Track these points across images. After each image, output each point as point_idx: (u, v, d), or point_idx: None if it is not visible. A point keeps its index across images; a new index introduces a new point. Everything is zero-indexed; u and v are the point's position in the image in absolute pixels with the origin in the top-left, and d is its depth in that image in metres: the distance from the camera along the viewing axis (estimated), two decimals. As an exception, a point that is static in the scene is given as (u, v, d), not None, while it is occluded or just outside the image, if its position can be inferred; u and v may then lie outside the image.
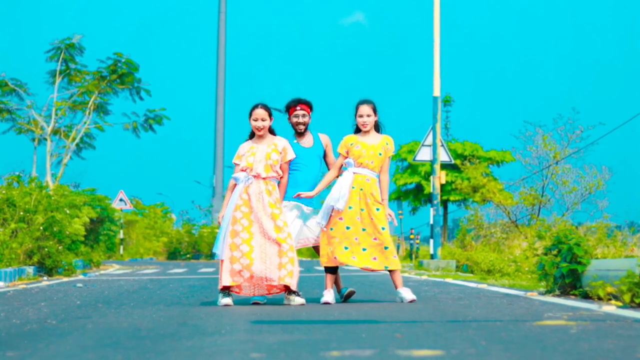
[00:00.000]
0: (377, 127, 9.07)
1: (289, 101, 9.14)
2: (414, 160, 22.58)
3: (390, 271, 8.86)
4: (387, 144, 8.96)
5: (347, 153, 8.91)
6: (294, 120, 9.08)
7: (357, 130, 9.02)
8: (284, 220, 8.64)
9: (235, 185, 8.77)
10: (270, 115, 8.77)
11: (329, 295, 8.73)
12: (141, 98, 28.13)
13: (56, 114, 27.19)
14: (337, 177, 9.03)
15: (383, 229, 8.77)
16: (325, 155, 9.23)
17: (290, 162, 8.87)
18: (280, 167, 8.79)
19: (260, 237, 8.55)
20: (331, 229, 8.81)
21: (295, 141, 9.06)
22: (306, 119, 9.08)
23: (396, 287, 8.88)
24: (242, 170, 8.73)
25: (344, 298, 9.06)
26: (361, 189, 8.82)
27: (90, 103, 27.32)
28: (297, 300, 8.61)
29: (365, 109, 8.93)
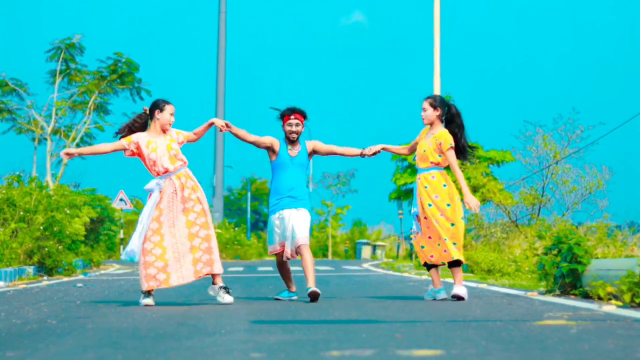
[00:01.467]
0: (447, 119, 9.13)
1: (283, 109, 9.28)
2: (414, 160, 22.56)
3: (451, 266, 8.95)
4: (436, 139, 8.99)
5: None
6: (287, 128, 9.21)
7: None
8: (201, 208, 8.63)
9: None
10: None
11: (459, 289, 8.85)
12: (141, 98, 28.13)
13: (56, 114, 27.20)
14: (405, 154, 9.75)
15: (452, 225, 8.88)
16: (311, 157, 9.40)
17: (275, 165, 9.18)
18: (195, 133, 8.90)
19: (170, 238, 8.52)
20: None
21: (288, 147, 9.24)
22: (299, 128, 9.22)
23: (454, 283, 8.95)
24: (149, 167, 8.73)
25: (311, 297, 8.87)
26: (425, 187, 8.96)
27: (90, 103, 27.32)
28: (226, 298, 8.64)
29: (423, 104, 9.05)
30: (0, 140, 27.80)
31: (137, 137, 8.73)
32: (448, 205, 8.88)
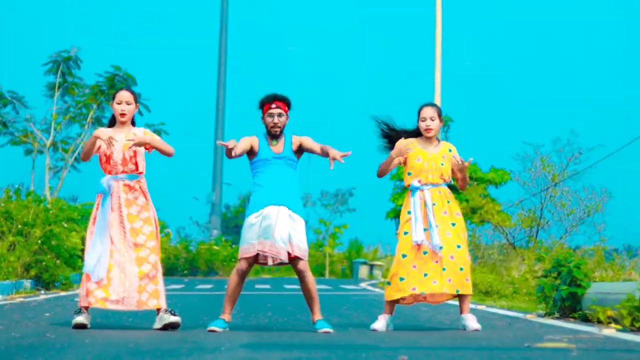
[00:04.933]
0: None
1: (263, 97, 7.66)
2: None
3: (460, 296, 7.80)
4: (449, 150, 7.93)
5: (404, 159, 7.93)
6: (268, 120, 7.58)
7: (417, 135, 8.00)
8: (150, 230, 7.66)
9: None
10: (136, 100, 7.81)
11: (381, 322, 7.84)
12: (140, 113, 28.12)
13: (55, 129, 27.18)
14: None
15: (459, 247, 7.75)
16: (299, 155, 7.74)
17: (255, 164, 7.64)
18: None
19: (118, 255, 7.58)
20: (404, 255, 7.81)
21: (267, 143, 7.66)
22: (282, 119, 7.58)
23: (462, 312, 7.84)
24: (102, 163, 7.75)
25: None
26: (434, 204, 7.80)
27: (89, 118, 27.32)
28: (172, 318, 7.53)
29: (429, 112, 7.86)
30: (-2, 153, 27.78)
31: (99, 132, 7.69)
32: (453, 225, 7.87)
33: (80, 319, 7.51)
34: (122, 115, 7.72)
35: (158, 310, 7.60)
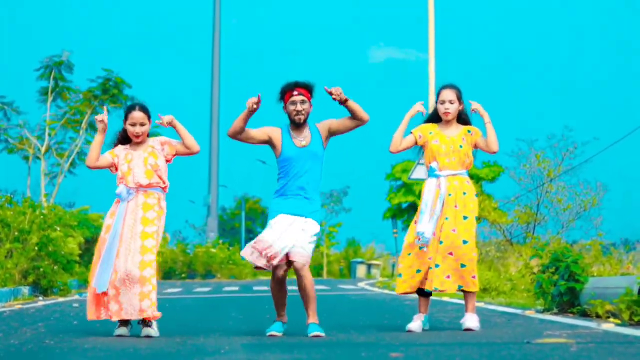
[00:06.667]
0: (462, 119, 7.67)
1: (283, 84, 7.33)
2: (409, 178, 22.55)
3: (464, 292, 7.44)
4: (468, 131, 7.57)
5: (421, 140, 7.58)
6: (291, 108, 7.26)
7: (438, 120, 7.63)
8: (153, 230, 7.45)
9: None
10: (149, 118, 7.55)
11: (416, 322, 7.50)
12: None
13: (49, 135, 27.12)
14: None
15: (465, 242, 7.31)
16: (327, 142, 7.43)
17: (280, 163, 7.34)
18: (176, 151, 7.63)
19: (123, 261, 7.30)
20: (409, 243, 7.48)
21: (291, 137, 7.34)
22: (306, 106, 7.26)
23: (466, 311, 7.46)
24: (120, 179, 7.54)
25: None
26: (450, 195, 7.43)
27: (83, 123, 27.25)
28: (147, 330, 7.30)
29: (447, 94, 7.53)
30: (-6, 160, 27.70)
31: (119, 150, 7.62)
32: (465, 217, 7.45)
33: (122, 330, 7.37)
34: (137, 137, 7.50)
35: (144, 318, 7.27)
